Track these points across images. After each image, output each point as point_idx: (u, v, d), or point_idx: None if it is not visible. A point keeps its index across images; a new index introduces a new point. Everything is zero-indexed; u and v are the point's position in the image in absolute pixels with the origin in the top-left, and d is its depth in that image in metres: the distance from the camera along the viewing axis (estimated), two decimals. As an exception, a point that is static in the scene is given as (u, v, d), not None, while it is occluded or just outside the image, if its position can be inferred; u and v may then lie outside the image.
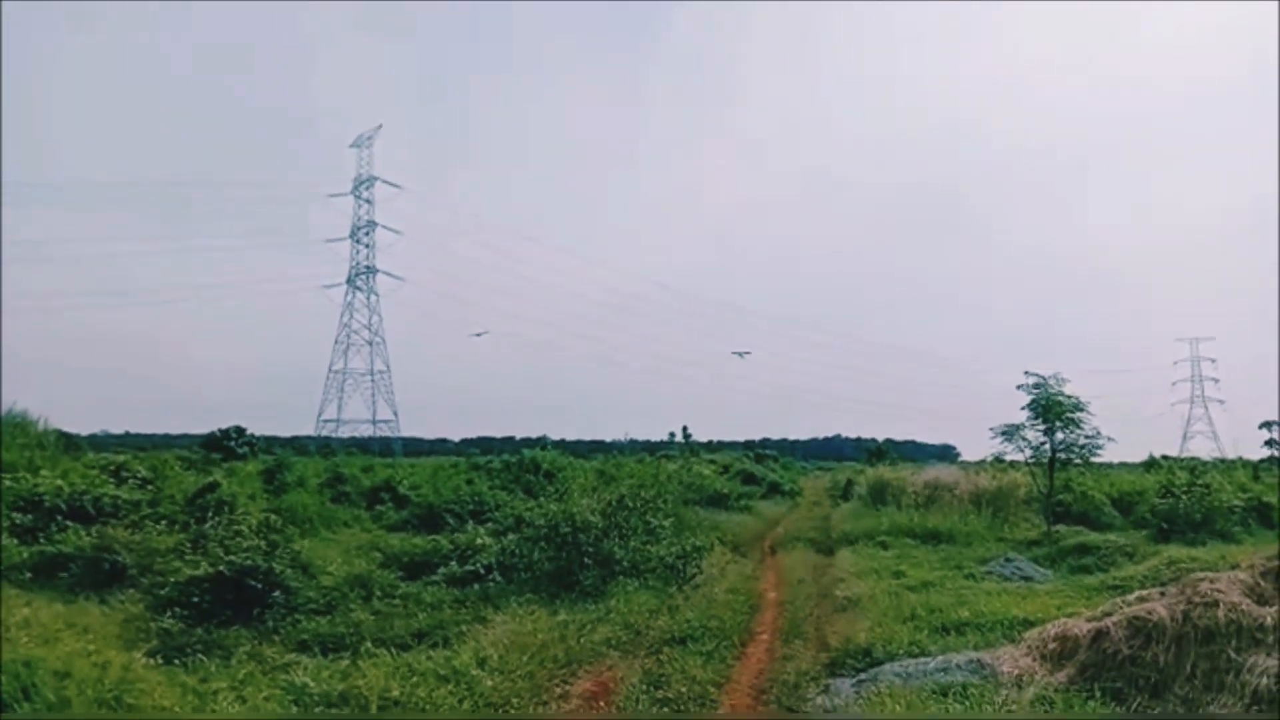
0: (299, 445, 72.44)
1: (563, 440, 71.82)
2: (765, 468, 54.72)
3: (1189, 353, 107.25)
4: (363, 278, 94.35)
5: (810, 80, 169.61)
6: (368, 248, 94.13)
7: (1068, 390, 21.71)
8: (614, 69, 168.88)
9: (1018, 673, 8.45)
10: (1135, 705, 7.45)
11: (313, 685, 8.35)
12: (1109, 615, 8.65)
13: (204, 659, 9.54)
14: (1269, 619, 7.46)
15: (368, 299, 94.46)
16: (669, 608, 13.22)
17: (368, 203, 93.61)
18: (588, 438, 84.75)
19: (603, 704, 8.94)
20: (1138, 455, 51.80)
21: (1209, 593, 7.93)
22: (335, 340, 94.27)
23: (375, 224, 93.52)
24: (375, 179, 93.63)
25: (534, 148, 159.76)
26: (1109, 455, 23.86)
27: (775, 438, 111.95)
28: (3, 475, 17.16)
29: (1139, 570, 15.82)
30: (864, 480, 35.30)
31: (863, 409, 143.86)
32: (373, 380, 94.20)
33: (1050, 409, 21.41)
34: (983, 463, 25.53)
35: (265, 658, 9.77)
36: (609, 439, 76.71)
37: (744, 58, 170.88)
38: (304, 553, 14.73)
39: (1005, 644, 9.88)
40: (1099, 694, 7.62)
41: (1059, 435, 21.58)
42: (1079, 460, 22.03)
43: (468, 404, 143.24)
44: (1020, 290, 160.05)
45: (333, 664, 9.39)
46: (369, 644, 10.20)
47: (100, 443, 48.18)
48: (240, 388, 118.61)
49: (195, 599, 12.07)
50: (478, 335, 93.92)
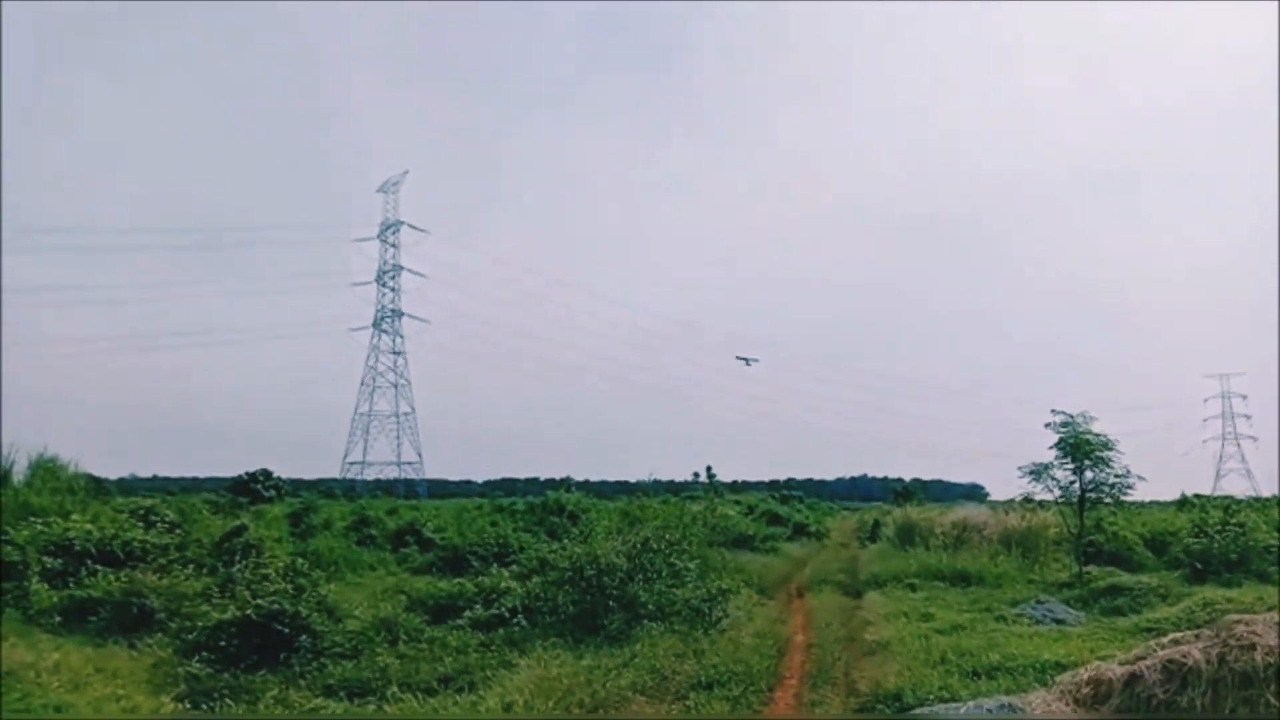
0: (325, 488, 72.76)
1: (586, 481, 71.77)
2: (791, 508, 54.34)
3: (1220, 388, 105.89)
4: (388, 321, 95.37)
5: (832, 112, 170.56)
6: (394, 291, 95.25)
7: (1096, 428, 21.49)
8: (636, 108, 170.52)
9: (1050, 718, 8.31)
10: (1172, 752, 7.30)
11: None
12: (1143, 659, 8.50)
13: (231, 704, 9.58)
14: (1308, 663, 7.32)
15: (393, 342, 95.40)
16: (695, 652, 13.11)
17: (394, 247, 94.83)
18: (612, 478, 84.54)
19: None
20: (1170, 494, 50.81)
21: (1245, 635, 7.78)
22: (361, 383, 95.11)
23: (401, 268, 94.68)
24: (401, 223, 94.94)
25: (557, 188, 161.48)
26: (1140, 494, 23.54)
27: (800, 478, 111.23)
28: (34, 519, 17.34)
29: (1173, 612, 15.52)
30: (891, 521, 34.96)
31: (888, 448, 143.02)
32: (398, 422, 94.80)
33: (1079, 447, 21.18)
34: (1011, 502, 25.18)
35: (292, 702, 9.80)
36: (633, 479, 76.43)
37: (766, 93, 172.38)
38: (330, 596, 14.77)
39: (1037, 688, 9.71)
40: (1134, 740, 7.48)
41: (1088, 474, 21.31)
42: (1109, 500, 21.73)
43: (491, 445, 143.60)
44: (1049, 325, 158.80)
45: (359, 709, 9.40)
46: (395, 689, 10.20)
47: (129, 486, 48.61)
48: (267, 430, 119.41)
49: (223, 643, 12.11)
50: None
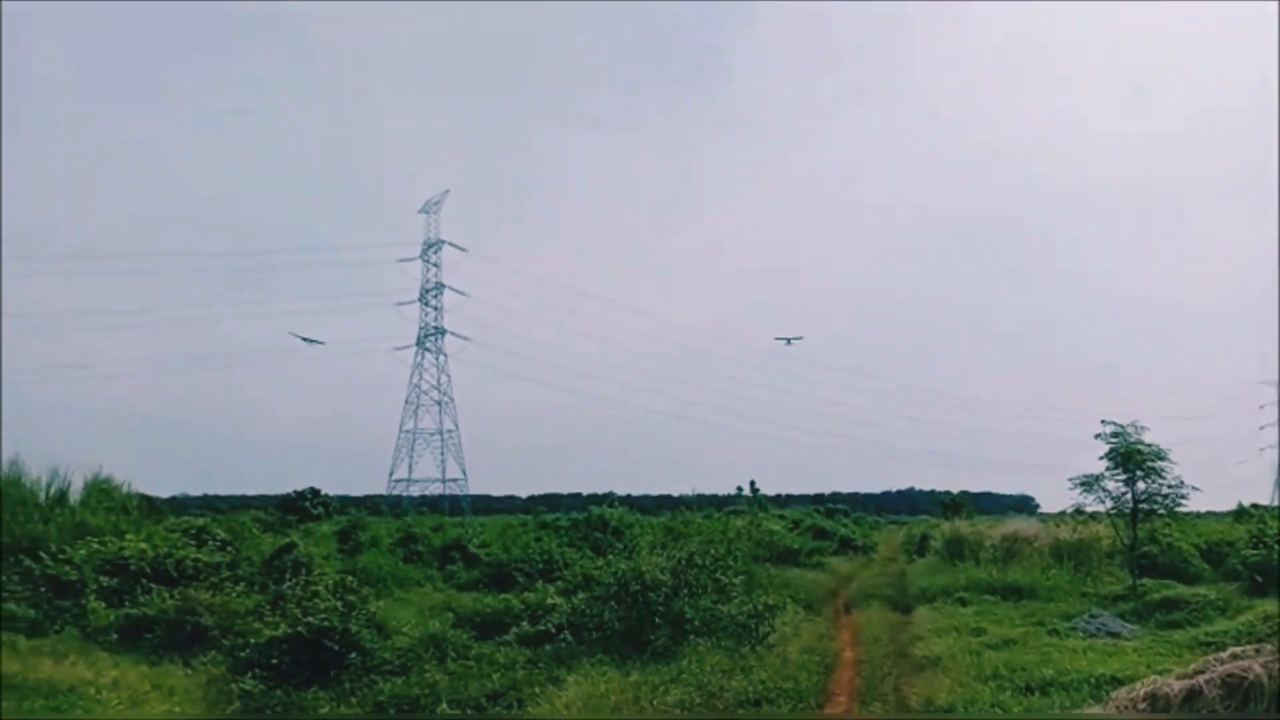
0: (371, 505, 73.54)
1: (629, 496, 71.69)
2: (837, 522, 53.81)
3: (1277, 396, 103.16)
4: (431, 339, 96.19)
5: (872, 121, 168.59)
6: (436, 309, 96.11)
7: (1147, 438, 21.07)
8: (671, 119, 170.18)
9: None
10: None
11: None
12: (1201, 673, 8.32)
13: (284, 720, 9.71)
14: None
15: (436, 359, 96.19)
16: (742, 668, 13.04)
17: (436, 266, 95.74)
18: (655, 493, 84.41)
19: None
20: (1226, 504, 49.64)
21: (1308, 650, 7.60)
22: (406, 400, 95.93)
23: (443, 286, 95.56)
24: (443, 243, 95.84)
25: (595, 202, 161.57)
26: (1195, 504, 22.98)
27: (846, 491, 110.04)
28: (90, 539, 17.74)
29: (1232, 625, 15.17)
30: (940, 535, 34.49)
31: (936, 460, 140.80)
32: (441, 439, 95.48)
33: (1130, 458, 20.77)
34: (1063, 514, 24.72)
35: (343, 719, 9.90)
36: (676, 494, 76.29)
37: (803, 101, 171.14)
38: (379, 613, 14.95)
39: (1092, 704, 9.55)
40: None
41: (1140, 485, 20.88)
42: (1163, 511, 21.26)
43: (534, 461, 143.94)
44: (1096, 332, 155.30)
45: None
46: (444, 705, 10.29)
47: (180, 505, 49.53)
48: (315, 448, 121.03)
49: (274, 660, 12.30)
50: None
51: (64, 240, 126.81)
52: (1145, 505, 21.07)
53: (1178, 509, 21.38)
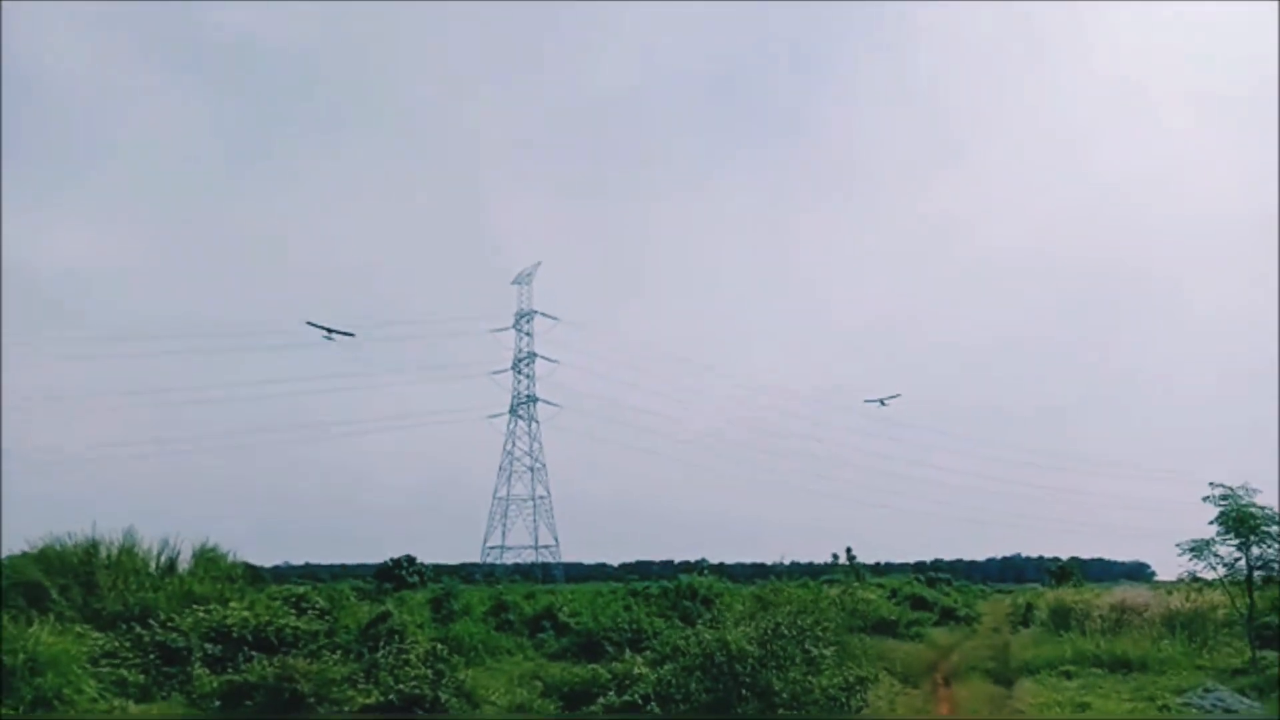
0: (465, 572, 74.50)
1: (721, 564, 70.86)
2: (938, 591, 52.12)
3: None
4: (524, 406, 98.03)
5: (971, 171, 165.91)
6: (528, 378, 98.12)
7: (1260, 500, 20.05)
8: (761, 181, 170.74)
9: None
10: None
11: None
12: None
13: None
14: None
15: (529, 426, 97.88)
16: (831, 742, 12.76)
17: (528, 335, 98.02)
18: (747, 561, 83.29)
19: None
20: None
21: None
22: (499, 468, 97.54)
23: (535, 355, 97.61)
24: (535, 312, 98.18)
25: (684, 267, 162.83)
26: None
27: (949, 558, 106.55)
28: (197, 607, 18.51)
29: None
30: (1044, 604, 33.16)
31: (1043, 525, 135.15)
32: (534, 506, 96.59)
33: (1242, 521, 19.77)
34: (1180, 581, 23.55)
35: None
36: (769, 562, 75.03)
37: (898, 156, 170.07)
38: (468, 681, 15.16)
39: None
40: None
41: (1254, 550, 19.83)
42: (1281, 578, 20.12)
43: (626, 528, 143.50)
44: (1224, 388, 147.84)
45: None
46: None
47: (282, 574, 51.14)
48: (412, 517, 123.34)
49: (367, 727, 12.57)
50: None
51: (172, 320, 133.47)
52: (1261, 572, 20.00)
53: (1298, 576, 20.23)
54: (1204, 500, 20.39)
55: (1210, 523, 20.28)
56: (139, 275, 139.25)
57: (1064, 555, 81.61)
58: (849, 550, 60.48)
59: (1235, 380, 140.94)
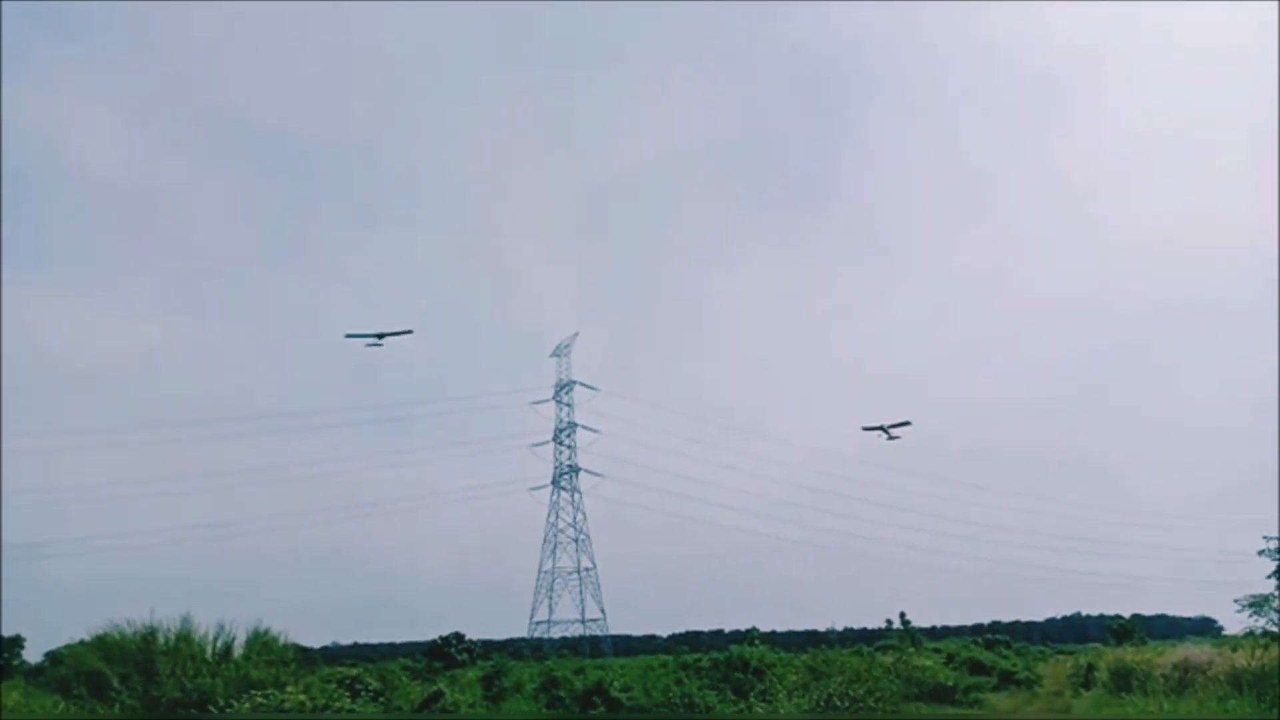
0: (514, 648, 74.02)
1: (773, 632, 69.80)
2: (996, 654, 50.77)
3: None
4: (566, 477, 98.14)
5: (1008, 224, 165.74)
6: (569, 448, 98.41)
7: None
8: (796, 241, 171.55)
9: None
10: None
11: None
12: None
13: None
14: None
15: (572, 497, 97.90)
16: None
17: (568, 405, 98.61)
18: (799, 628, 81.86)
19: None
20: None
21: None
22: (544, 540, 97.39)
23: (576, 425, 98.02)
24: (574, 383, 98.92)
25: (722, 330, 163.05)
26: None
27: (1007, 620, 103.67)
28: (254, 692, 18.79)
29: None
30: (1105, 664, 32.30)
31: (1105, 581, 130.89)
32: (580, 578, 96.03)
33: (1302, 576, 19.38)
34: (1250, 634, 22.94)
35: None
36: (821, 628, 73.77)
37: (931, 212, 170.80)
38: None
39: None
40: None
41: (1316, 606, 19.38)
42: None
43: (674, 597, 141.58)
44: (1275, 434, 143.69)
45: None
46: None
47: (332, 654, 51.30)
48: (457, 593, 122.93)
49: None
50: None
51: (218, 405, 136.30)
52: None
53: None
54: (1259, 554, 20.06)
55: (1268, 577, 19.92)
56: (183, 362, 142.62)
57: (1126, 612, 79.34)
58: (902, 615, 59.56)
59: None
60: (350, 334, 53.93)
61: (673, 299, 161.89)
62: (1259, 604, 19.96)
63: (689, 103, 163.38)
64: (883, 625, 61.14)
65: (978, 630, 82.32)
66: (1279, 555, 19.82)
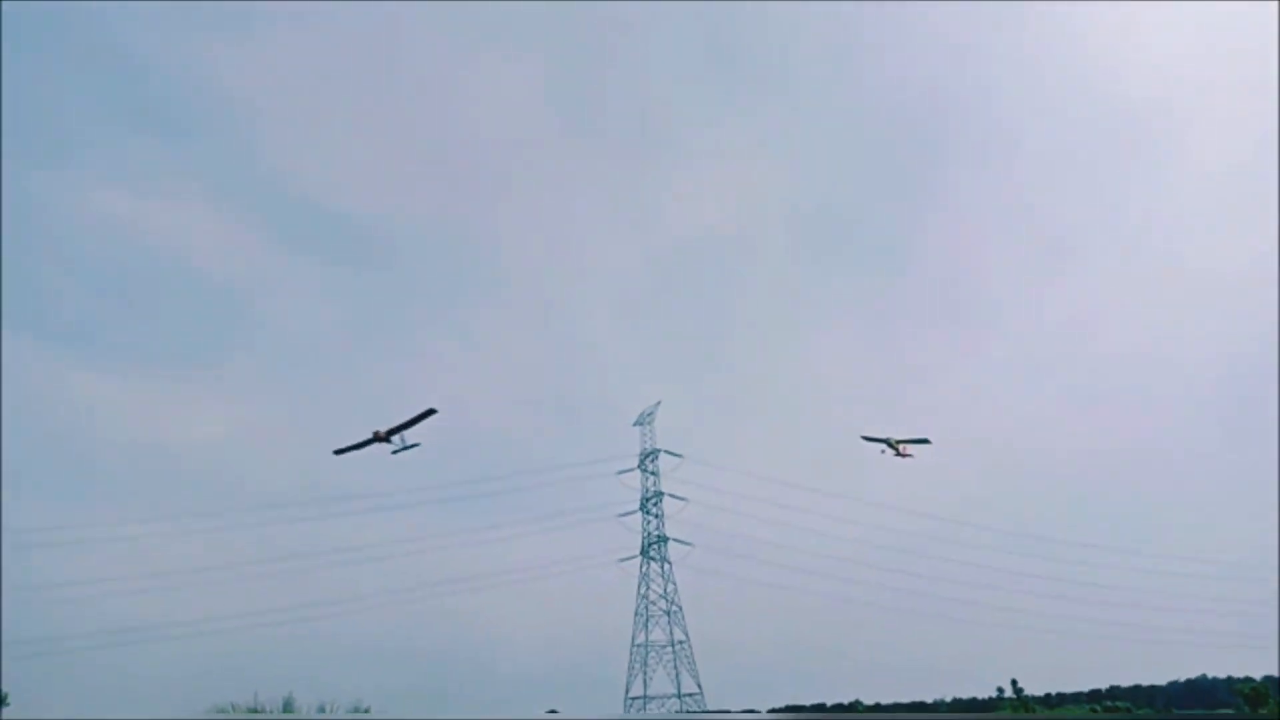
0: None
1: (877, 704, 67.00)
2: (1119, 723, 47.89)
3: None
4: (655, 547, 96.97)
5: (1085, 280, 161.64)
6: (657, 517, 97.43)
7: None
8: (869, 305, 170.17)
9: None
10: None
11: None
12: None
13: None
14: None
15: (662, 568, 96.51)
16: None
17: (654, 474, 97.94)
18: (905, 699, 78.54)
19: None
20: None
21: None
22: (635, 613, 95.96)
23: (662, 493, 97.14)
24: (659, 451, 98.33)
25: (803, 393, 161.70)
26: None
27: (1126, 684, 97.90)
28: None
29: None
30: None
31: (1231, 641, 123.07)
32: (674, 651, 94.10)
33: None
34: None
35: None
36: (929, 699, 70.61)
37: (1001, 274, 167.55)
38: None
39: None
40: None
41: None
42: None
43: (774, 668, 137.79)
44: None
45: None
46: None
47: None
48: (549, 669, 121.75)
49: None
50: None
51: (314, 489, 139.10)
52: None
53: None
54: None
55: None
56: (274, 446, 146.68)
57: (1256, 674, 74.23)
58: (1014, 682, 56.58)
59: None
60: (337, 450, 48.57)
61: (753, 364, 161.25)
62: None
63: (759, 169, 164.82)
64: (994, 694, 58.10)
65: (1095, 696, 77.99)
66: None
